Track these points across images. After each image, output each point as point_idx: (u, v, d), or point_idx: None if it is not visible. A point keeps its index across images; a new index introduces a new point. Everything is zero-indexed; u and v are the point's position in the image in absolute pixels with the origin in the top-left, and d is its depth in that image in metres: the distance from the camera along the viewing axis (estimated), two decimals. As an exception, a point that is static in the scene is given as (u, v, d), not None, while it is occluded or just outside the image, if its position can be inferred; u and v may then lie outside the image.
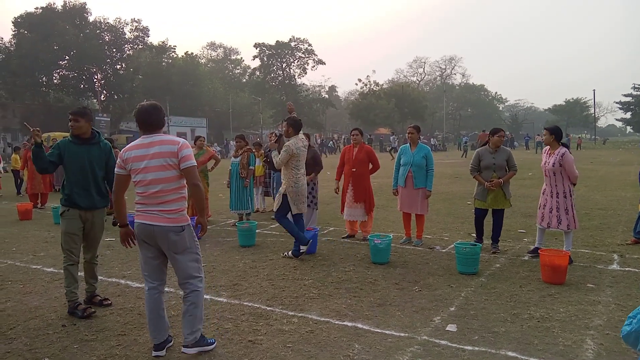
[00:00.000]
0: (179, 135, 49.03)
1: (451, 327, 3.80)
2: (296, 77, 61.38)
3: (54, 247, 6.90)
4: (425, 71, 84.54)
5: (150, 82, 50.94)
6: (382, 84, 65.82)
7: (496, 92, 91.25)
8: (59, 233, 7.77)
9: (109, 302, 4.47)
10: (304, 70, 60.94)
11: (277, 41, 58.56)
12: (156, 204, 3.21)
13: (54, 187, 12.74)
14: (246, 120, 65.13)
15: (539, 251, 5.28)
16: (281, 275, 5.33)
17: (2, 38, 47.30)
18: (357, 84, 64.61)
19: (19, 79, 44.51)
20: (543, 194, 5.83)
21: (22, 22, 45.52)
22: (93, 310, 4.23)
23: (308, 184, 7.35)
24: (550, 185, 5.73)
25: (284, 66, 60.33)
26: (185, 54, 59.51)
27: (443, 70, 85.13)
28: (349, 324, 3.92)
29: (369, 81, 62.35)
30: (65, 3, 47.60)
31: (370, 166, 7.03)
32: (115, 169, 3.37)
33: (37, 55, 43.23)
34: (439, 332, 3.72)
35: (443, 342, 3.54)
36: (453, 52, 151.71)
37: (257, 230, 7.04)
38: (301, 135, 6.17)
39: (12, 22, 45.87)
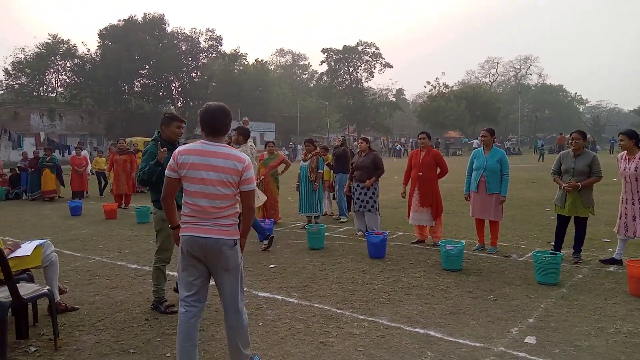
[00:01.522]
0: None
1: (530, 339, 3.63)
2: (363, 80, 61.29)
3: (137, 245, 7.34)
4: (498, 72, 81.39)
5: (223, 89, 52.93)
6: (452, 86, 64.23)
7: (576, 93, 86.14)
8: (141, 232, 8.34)
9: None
10: (371, 74, 60.70)
11: (345, 46, 58.83)
12: (211, 218, 2.92)
13: (137, 189, 13.55)
14: (313, 124, 65.94)
15: (626, 262, 4.93)
16: (350, 278, 5.34)
17: (89, 49, 51.18)
18: (425, 87, 63.50)
19: (104, 87, 47.91)
20: (623, 202, 5.49)
21: (106, 34, 48.94)
22: (175, 308, 4.46)
23: (368, 189, 7.34)
24: (632, 191, 5.42)
25: (350, 70, 60.44)
26: (255, 61, 61.35)
27: (517, 71, 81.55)
28: (421, 330, 3.85)
29: (438, 83, 61.08)
30: (145, 15, 50.66)
31: (438, 170, 6.89)
32: (166, 171, 3.03)
33: (120, 65, 46.29)
34: (516, 343, 3.57)
35: (521, 354, 3.39)
36: (528, 52, 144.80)
37: (325, 233, 7.10)
38: (250, 142, 7.05)
39: (98, 34, 49.45)
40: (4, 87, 48.47)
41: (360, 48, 59.33)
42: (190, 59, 53.01)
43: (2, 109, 39.13)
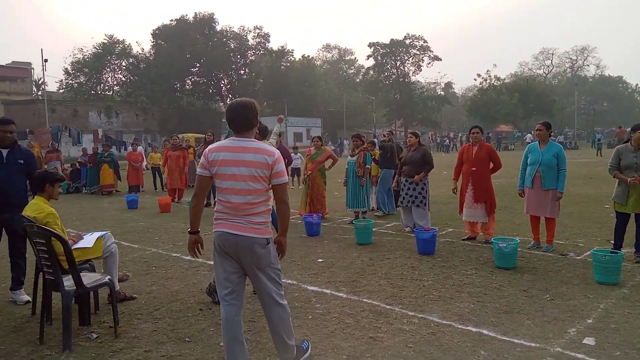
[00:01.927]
0: (295, 135, 51.15)
1: (589, 341, 3.48)
2: (410, 74, 60.42)
3: (189, 237, 7.57)
4: (554, 63, 78.11)
5: (270, 85, 53.63)
6: (504, 79, 62.20)
7: (637, 85, 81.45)
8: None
9: None
10: (419, 68, 59.74)
11: (392, 39, 58.16)
12: (243, 215, 2.90)
13: (189, 184, 13.97)
14: (359, 119, 65.70)
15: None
16: (399, 274, 5.29)
17: (143, 49, 53.12)
18: (475, 79, 61.93)
19: (157, 85, 49.64)
20: None
21: (160, 34, 50.64)
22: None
23: (417, 184, 7.24)
24: None
25: (398, 64, 59.71)
26: (302, 57, 61.72)
27: (574, 62, 77.95)
28: (473, 329, 3.77)
29: (489, 76, 59.30)
30: (195, 14, 52.02)
31: (492, 165, 6.71)
32: (198, 169, 3.03)
33: (172, 64, 47.81)
34: (574, 344, 3.44)
35: (579, 355, 3.27)
36: (585, 42, 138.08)
37: (373, 229, 7.07)
38: (271, 139, 6.75)
39: (151, 34, 51.25)
40: (64, 86, 51.13)
41: (407, 41, 58.49)
42: (238, 56, 54.05)
43: (62, 107, 41.27)
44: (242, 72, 55.07)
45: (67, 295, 3.65)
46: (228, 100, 55.10)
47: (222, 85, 54.93)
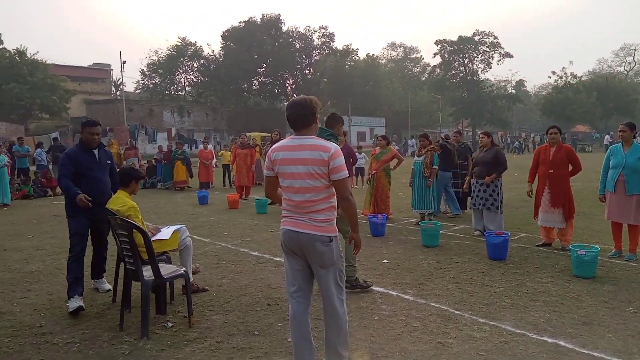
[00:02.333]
0: (359, 135, 51.03)
1: (681, 360, 3.22)
2: (479, 72, 58.39)
3: (257, 234, 7.78)
4: (636, 60, 72.68)
5: (334, 85, 53.84)
6: (581, 76, 58.66)
7: None
8: (261, 222, 8.80)
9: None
10: (489, 65, 57.54)
11: (460, 36, 56.47)
12: (304, 212, 2.91)
13: (256, 182, 14.33)
14: (424, 118, 64.46)
15: None
16: (469, 279, 5.14)
17: (214, 50, 55.10)
18: (550, 77, 58.76)
19: (226, 85, 51.32)
20: None
21: (229, 36, 52.27)
22: (369, 282, 4.90)
23: (488, 185, 6.98)
24: None
25: (466, 62, 57.88)
26: (366, 56, 61.44)
27: (660, 58, 72.09)
28: (549, 339, 3.60)
29: (565, 73, 56.12)
30: (263, 16, 53.22)
31: (570, 168, 6.36)
32: (265, 170, 3.11)
33: (240, 65, 49.20)
34: (664, 363, 3.19)
35: (670, 376, 3.03)
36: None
37: (440, 231, 6.92)
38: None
39: (221, 36, 53.00)
40: (140, 87, 54.06)
41: (477, 38, 56.55)
42: (303, 56, 54.69)
43: (139, 107, 43.61)
44: (307, 71, 55.68)
45: (146, 284, 3.86)
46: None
47: (287, 85, 55.83)
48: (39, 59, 37.58)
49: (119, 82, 54.54)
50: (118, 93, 54.89)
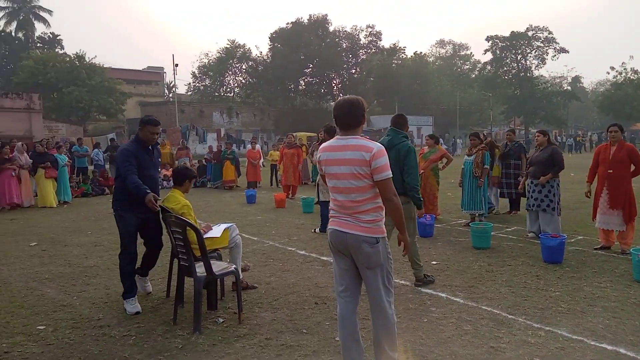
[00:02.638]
0: (406, 133, 50.31)
1: None
2: (533, 68, 56.33)
3: (304, 233, 7.83)
4: None
5: (381, 84, 53.50)
6: (644, 71, 55.43)
7: None
8: (307, 221, 8.86)
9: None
10: (543, 61, 55.41)
11: (512, 32, 54.71)
12: (350, 213, 2.91)
13: (303, 181, 14.45)
14: (474, 117, 62.88)
15: None
16: (522, 282, 4.97)
17: (262, 52, 55.97)
18: (608, 73, 55.80)
19: (273, 86, 52.02)
20: None
21: (276, 37, 52.95)
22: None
23: (543, 186, 6.72)
24: None
25: (518, 58, 56.00)
26: (414, 54, 60.62)
27: None
28: (608, 347, 3.42)
29: (625, 69, 53.18)
30: (310, 16, 53.55)
31: (632, 168, 6.02)
32: (320, 171, 3.20)
33: (287, 65, 49.73)
34: None
35: None
36: None
37: (492, 233, 6.72)
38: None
39: (269, 38, 53.77)
40: (191, 89, 55.64)
41: (530, 33, 54.61)
42: (350, 55, 54.64)
43: (190, 108, 44.91)
44: (354, 71, 55.59)
45: (199, 280, 3.97)
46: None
47: (333, 84, 55.93)
48: (97, 63, 39.40)
49: (171, 85, 56.44)
50: (170, 95, 56.74)
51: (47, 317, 4.24)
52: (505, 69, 56.80)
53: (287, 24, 53.56)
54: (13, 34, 52.00)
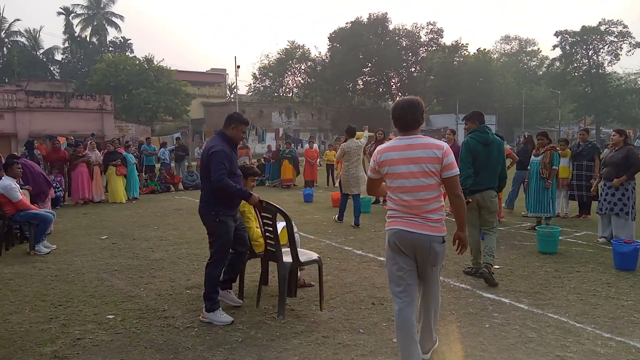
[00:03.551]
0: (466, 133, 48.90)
1: None
2: (605, 65, 53.07)
3: (361, 233, 7.80)
4: None
5: (441, 82, 52.24)
6: None
7: None
8: (364, 221, 8.80)
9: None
10: (616, 57, 52.03)
11: (583, 26, 51.82)
12: (418, 213, 2.92)
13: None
14: (541, 115, 60.07)
15: None
16: (591, 290, 4.70)
17: (320, 52, 56.34)
18: (692, 68, 51.61)
19: (331, 86, 52.15)
20: None
21: (335, 37, 53.04)
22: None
23: (617, 189, 6.31)
24: None
25: (590, 54, 52.95)
26: (477, 50, 58.74)
27: None
28: (691, 363, 3.17)
29: None
30: (369, 15, 53.25)
31: None
32: (369, 172, 3.17)
33: (345, 65, 49.69)
34: None
35: None
36: None
37: (560, 237, 6.40)
38: (355, 138, 8.66)
39: (328, 38, 53.98)
40: (252, 90, 56.91)
41: (603, 27, 51.50)
42: (410, 54, 53.79)
43: (250, 108, 45.91)
44: (413, 69, 54.67)
45: (284, 267, 4.09)
46: (398, 98, 55.10)
47: (392, 83, 55.30)
48: (164, 65, 41.21)
49: (233, 86, 57.94)
50: (232, 96, 58.33)
51: (116, 307, 4.48)
52: (575, 65, 53.86)
53: (347, 23, 53.52)
54: (88, 38, 55.43)
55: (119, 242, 7.37)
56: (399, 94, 55.12)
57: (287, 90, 58.43)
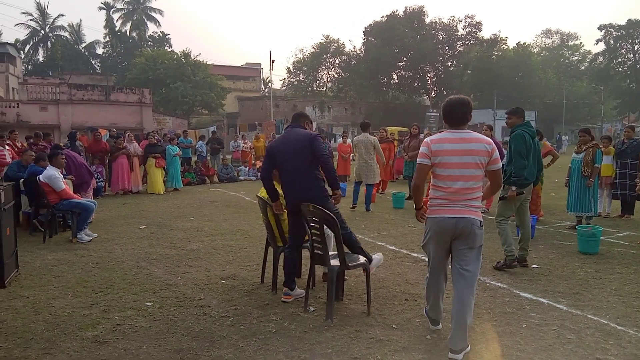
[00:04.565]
0: (504, 130, 47.74)
1: None
2: (653, 59, 50.85)
3: (394, 228, 7.76)
4: None
5: (479, 76, 51.11)
6: None
7: None
8: (397, 217, 8.77)
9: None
10: (665, 51, 49.90)
11: (629, 20, 49.76)
12: (464, 199, 3.23)
13: (395, 177, 14.28)
14: (582, 112, 58.04)
15: None
16: (634, 292, 4.54)
17: (355, 46, 56.04)
18: None
19: (365, 80, 51.80)
20: None
21: (370, 31, 52.62)
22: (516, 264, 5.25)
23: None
24: None
25: (636, 48, 50.85)
26: (516, 44, 57.18)
27: None
28: None
29: None
30: (405, 9, 52.55)
31: None
32: (420, 159, 3.33)
33: (380, 59, 49.26)
34: None
35: None
36: None
37: (601, 237, 6.19)
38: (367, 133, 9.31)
39: (362, 32, 53.61)
40: (286, 84, 57.20)
41: (651, 20, 49.29)
42: (446, 47, 52.82)
43: (284, 102, 46.15)
44: (450, 64, 53.67)
45: (332, 270, 4.04)
46: (433, 93, 54.36)
47: (427, 78, 54.48)
48: (200, 60, 41.84)
49: (267, 80, 58.36)
50: (266, 90, 58.75)
51: (154, 295, 4.61)
52: (620, 60, 51.90)
53: (382, 17, 52.99)
54: (128, 33, 56.86)
55: (157, 231, 7.57)
56: (435, 88, 54.31)
57: (321, 84, 58.42)
